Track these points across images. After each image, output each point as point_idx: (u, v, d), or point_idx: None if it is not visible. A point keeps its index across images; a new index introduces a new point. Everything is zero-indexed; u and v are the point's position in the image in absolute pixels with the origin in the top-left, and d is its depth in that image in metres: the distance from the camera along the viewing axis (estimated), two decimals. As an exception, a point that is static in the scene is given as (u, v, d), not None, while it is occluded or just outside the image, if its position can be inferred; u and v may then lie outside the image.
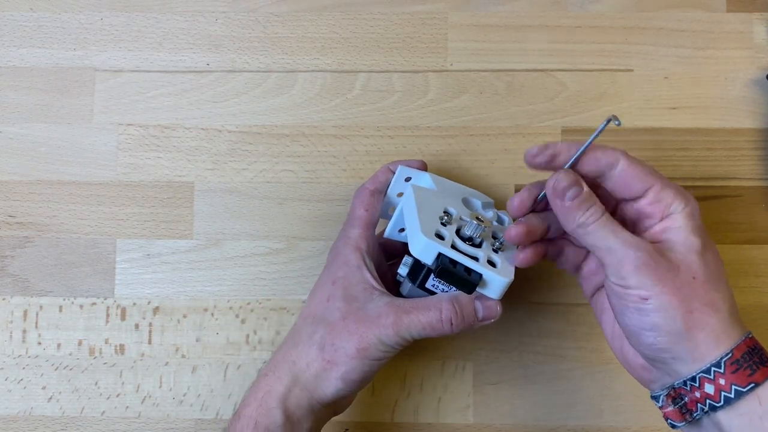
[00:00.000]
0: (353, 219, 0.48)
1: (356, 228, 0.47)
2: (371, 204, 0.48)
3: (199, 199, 0.55)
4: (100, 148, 0.55)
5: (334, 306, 0.45)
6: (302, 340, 0.45)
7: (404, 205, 0.46)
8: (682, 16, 0.55)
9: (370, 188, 0.49)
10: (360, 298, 0.45)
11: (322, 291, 0.47)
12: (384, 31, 0.56)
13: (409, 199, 0.46)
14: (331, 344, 0.44)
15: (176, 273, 0.54)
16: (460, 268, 0.43)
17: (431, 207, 0.45)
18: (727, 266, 0.53)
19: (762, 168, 0.54)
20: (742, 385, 0.37)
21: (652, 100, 0.55)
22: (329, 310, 0.45)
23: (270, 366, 0.46)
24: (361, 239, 0.47)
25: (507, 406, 0.53)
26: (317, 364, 0.44)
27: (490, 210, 0.50)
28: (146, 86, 0.56)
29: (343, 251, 0.47)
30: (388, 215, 0.49)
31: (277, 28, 0.56)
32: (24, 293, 0.54)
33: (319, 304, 0.46)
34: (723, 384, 0.38)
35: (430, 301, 0.44)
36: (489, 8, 0.56)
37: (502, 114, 0.55)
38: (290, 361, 0.45)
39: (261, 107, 0.55)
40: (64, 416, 0.53)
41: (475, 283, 0.43)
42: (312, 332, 0.45)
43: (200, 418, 0.53)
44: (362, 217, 0.48)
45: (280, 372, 0.45)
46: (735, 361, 0.38)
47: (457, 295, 0.44)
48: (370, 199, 0.48)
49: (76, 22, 0.57)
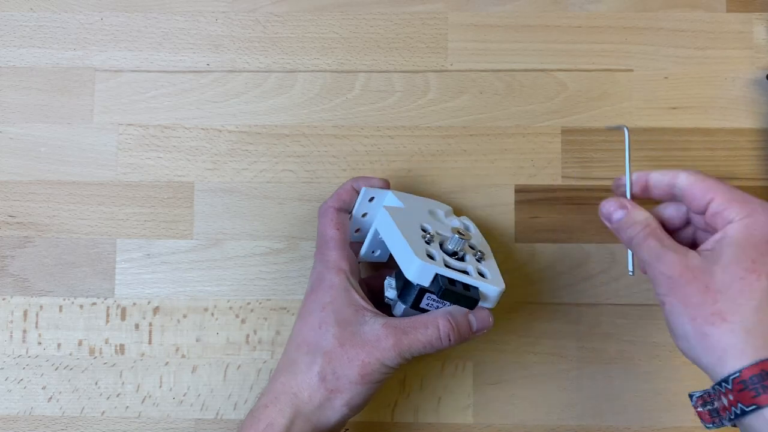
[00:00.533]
0: (327, 240, 0.48)
1: (333, 250, 0.47)
2: (340, 223, 0.48)
3: (199, 199, 0.55)
4: (100, 148, 0.55)
5: (328, 332, 0.45)
6: (301, 371, 0.45)
7: (382, 228, 0.46)
8: (682, 16, 0.55)
9: (335, 206, 0.48)
10: (353, 321, 0.45)
11: (312, 318, 0.46)
12: (384, 31, 0.56)
13: (386, 221, 0.45)
14: (332, 373, 0.44)
15: (176, 273, 0.54)
16: (459, 286, 0.43)
17: (409, 226, 0.45)
18: (727, 266, 0.53)
19: (762, 168, 0.54)
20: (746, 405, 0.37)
21: (652, 100, 0.55)
22: (323, 337, 0.45)
23: (270, 397, 0.45)
24: (342, 260, 0.47)
25: (507, 406, 0.53)
26: (320, 394, 0.44)
27: (453, 218, 0.51)
28: (146, 86, 0.56)
29: (327, 275, 0.47)
30: (353, 236, 0.50)
31: (277, 28, 0.56)
32: (24, 293, 0.54)
33: (310, 331, 0.46)
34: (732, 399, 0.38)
35: (426, 318, 0.45)
36: (489, 8, 0.56)
37: (502, 114, 0.55)
38: (291, 393, 0.44)
39: (261, 107, 0.55)
40: (64, 416, 0.53)
41: (477, 299, 0.43)
42: (310, 362, 0.45)
43: (200, 418, 0.53)
44: (336, 238, 0.48)
45: (282, 404, 0.44)
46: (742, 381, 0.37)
47: (450, 310, 0.45)
48: (339, 218, 0.48)
49: (76, 22, 0.57)
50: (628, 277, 0.53)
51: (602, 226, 0.53)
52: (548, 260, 0.54)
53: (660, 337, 0.52)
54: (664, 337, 0.52)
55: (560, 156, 0.54)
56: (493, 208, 0.54)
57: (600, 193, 0.54)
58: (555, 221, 0.54)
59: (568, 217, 0.54)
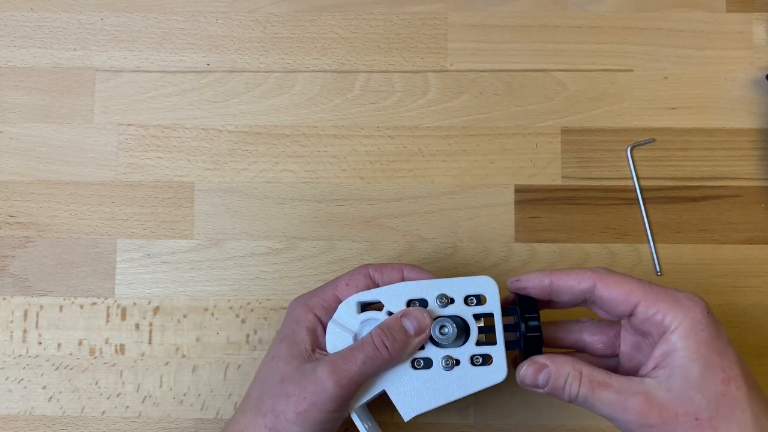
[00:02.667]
0: (327, 283, 0.46)
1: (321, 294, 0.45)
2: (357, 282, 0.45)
3: (199, 199, 0.55)
4: (100, 148, 0.55)
5: (275, 367, 0.43)
6: (249, 408, 0.43)
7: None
8: (682, 16, 0.56)
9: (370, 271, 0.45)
10: (302, 357, 0.43)
11: (271, 350, 0.45)
12: (384, 31, 0.56)
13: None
14: (271, 410, 0.42)
15: (176, 273, 0.54)
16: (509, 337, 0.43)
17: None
18: (727, 266, 0.53)
19: (762, 168, 0.54)
20: None
21: (652, 100, 0.55)
22: (271, 371, 0.43)
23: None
24: (321, 308, 0.45)
25: (507, 406, 0.53)
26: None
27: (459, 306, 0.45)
28: (146, 86, 0.56)
29: (297, 310, 0.45)
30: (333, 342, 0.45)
31: (277, 28, 0.56)
32: (24, 293, 0.54)
33: (265, 364, 0.45)
34: None
35: (361, 338, 0.43)
36: (489, 8, 0.56)
37: (502, 114, 0.55)
38: (239, 430, 0.43)
39: (261, 107, 0.55)
40: (64, 416, 0.54)
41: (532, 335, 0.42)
42: (257, 398, 0.43)
43: (200, 417, 0.53)
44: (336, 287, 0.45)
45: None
46: None
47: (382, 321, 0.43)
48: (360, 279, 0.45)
49: (76, 22, 0.57)
50: (628, 277, 0.53)
51: (602, 226, 0.54)
52: (548, 260, 0.54)
53: (660, 337, 0.52)
54: (664, 337, 0.52)
55: (560, 156, 0.54)
56: (493, 208, 0.54)
57: (600, 193, 0.54)
58: (555, 221, 0.54)
59: (568, 217, 0.54)
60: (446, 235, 0.54)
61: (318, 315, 0.45)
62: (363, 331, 0.44)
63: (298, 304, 0.46)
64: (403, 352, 0.42)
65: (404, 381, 0.43)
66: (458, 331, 0.43)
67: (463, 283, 0.44)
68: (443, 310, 0.44)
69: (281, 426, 0.41)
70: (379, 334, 0.42)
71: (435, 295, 0.44)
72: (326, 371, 0.41)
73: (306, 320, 0.44)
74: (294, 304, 0.46)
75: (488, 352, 0.43)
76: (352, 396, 0.42)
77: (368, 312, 0.45)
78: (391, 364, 0.43)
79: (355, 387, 0.42)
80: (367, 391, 0.43)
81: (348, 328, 0.44)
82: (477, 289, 0.44)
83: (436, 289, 0.44)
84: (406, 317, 0.43)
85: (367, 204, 0.54)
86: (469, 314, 0.44)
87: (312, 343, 0.44)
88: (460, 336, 0.43)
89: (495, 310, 0.43)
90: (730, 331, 0.52)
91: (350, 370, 0.41)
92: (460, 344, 0.43)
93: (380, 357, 0.42)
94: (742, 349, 0.52)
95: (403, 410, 0.43)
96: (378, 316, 0.44)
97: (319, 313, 0.45)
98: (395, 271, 0.45)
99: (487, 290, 0.44)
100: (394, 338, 0.42)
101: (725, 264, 0.53)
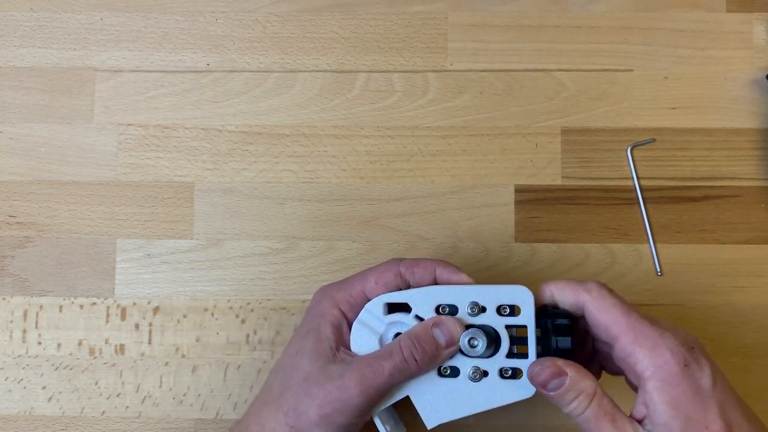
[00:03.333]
0: (355, 276, 0.44)
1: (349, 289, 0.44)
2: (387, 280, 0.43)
3: (199, 199, 0.55)
4: (100, 148, 0.55)
5: (299, 364, 0.42)
6: (271, 401, 0.43)
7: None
8: (682, 16, 0.55)
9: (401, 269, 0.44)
10: (326, 356, 0.42)
11: (295, 342, 0.44)
12: (384, 31, 0.56)
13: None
14: (294, 409, 0.41)
15: (176, 273, 0.54)
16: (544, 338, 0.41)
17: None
18: (727, 266, 0.53)
19: (762, 168, 0.54)
20: None
21: (652, 100, 0.55)
22: (295, 367, 0.42)
23: (241, 425, 0.43)
24: (347, 303, 0.43)
25: (507, 406, 0.53)
26: (283, 429, 0.41)
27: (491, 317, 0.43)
28: (146, 86, 0.56)
29: (323, 303, 0.44)
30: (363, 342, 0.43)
31: (277, 28, 0.56)
32: (24, 293, 0.54)
33: (288, 357, 0.44)
34: None
35: (388, 345, 0.42)
36: (489, 8, 0.56)
37: (502, 114, 0.55)
38: (260, 423, 0.42)
39: (261, 107, 0.55)
40: (64, 416, 0.53)
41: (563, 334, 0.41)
42: (280, 392, 0.42)
43: (200, 418, 0.53)
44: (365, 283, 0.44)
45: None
46: None
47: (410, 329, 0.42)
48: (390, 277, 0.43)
49: (76, 22, 0.57)
50: (628, 277, 0.53)
51: (602, 226, 0.54)
52: (548, 260, 0.54)
53: (660, 337, 0.52)
54: (664, 337, 0.52)
55: (560, 156, 0.54)
56: (493, 208, 0.54)
57: (600, 193, 0.54)
58: (555, 221, 0.54)
59: (568, 217, 0.54)
60: (446, 235, 0.54)
61: (343, 311, 0.43)
62: (388, 332, 0.43)
63: (324, 296, 0.44)
64: (432, 363, 0.41)
65: (429, 388, 0.42)
66: (488, 342, 0.42)
67: (498, 292, 0.42)
68: (474, 319, 0.42)
69: (303, 426, 0.41)
70: (409, 346, 0.41)
71: (467, 303, 0.42)
72: (353, 380, 0.40)
73: (331, 315, 0.43)
74: (320, 296, 0.44)
75: (518, 366, 0.42)
76: (377, 403, 0.42)
77: (395, 314, 0.43)
78: (418, 374, 0.42)
79: (381, 395, 0.41)
80: (391, 396, 0.42)
81: (374, 329, 0.43)
82: (511, 299, 0.42)
83: (468, 296, 0.42)
84: (437, 327, 0.41)
85: (367, 204, 0.54)
86: (501, 325, 0.42)
87: (337, 341, 0.43)
88: (489, 346, 0.42)
89: (529, 323, 0.42)
90: (730, 331, 0.52)
91: (378, 381, 0.40)
92: (490, 356, 0.42)
93: (408, 369, 0.41)
94: (741, 349, 0.52)
95: (426, 418, 0.42)
96: (406, 321, 0.43)
97: (345, 309, 0.43)
98: (427, 271, 0.43)
99: (522, 301, 0.42)
100: (423, 350, 0.41)
101: (725, 264, 0.53)
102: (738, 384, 0.39)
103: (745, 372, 0.52)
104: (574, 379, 0.39)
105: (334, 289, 0.44)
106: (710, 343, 0.52)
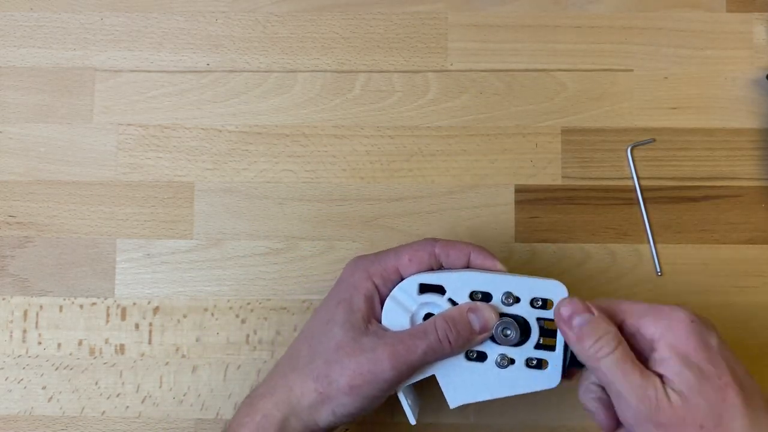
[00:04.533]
0: (389, 252, 0.45)
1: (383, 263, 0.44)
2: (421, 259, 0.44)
3: (199, 199, 0.55)
4: (100, 148, 0.55)
5: (331, 332, 0.43)
6: (299, 366, 0.43)
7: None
8: (682, 16, 0.55)
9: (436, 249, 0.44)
10: (359, 327, 0.42)
11: (325, 310, 0.44)
12: (384, 31, 0.56)
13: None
14: (325, 376, 0.42)
15: (176, 273, 0.54)
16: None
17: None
18: (727, 266, 0.53)
19: (762, 168, 0.54)
20: None
21: (652, 100, 0.55)
22: (326, 335, 0.43)
23: (267, 386, 0.44)
24: (380, 277, 0.44)
25: (507, 406, 0.53)
26: (311, 395, 0.42)
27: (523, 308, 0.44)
28: (146, 86, 0.56)
29: (357, 275, 0.44)
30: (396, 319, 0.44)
31: (277, 28, 0.56)
32: (24, 293, 0.54)
33: (318, 324, 0.44)
34: None
35: (424, 324, 0.43)
36: (489, 8, 0.56)
37: (502, 114, 0.55)
38: (287, 386, 0.43)
39: (261, 107, 0.55)
40: (64, 416, 0.53)
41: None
42: (309, 358, 0.43)
43: (200, 418, 0.53)
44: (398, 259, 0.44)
45: (278, 397, 0.43)
46: None
47: (446, 311, 0.43)
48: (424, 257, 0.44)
49: (76, 22, 0.57)
50: (628, 277, 0.53)
51: (603, 226, 0.54)
52: (548, 260, 0.54)
53: (660, 337, 0.52)
54: (664, 337, 0.52)
55: (560, 156, 0.54)
56: (493, 208, 0.54)
57: (600, 193, 0.54)
58: (555, 221, 0.54)
59: (568, 217, 0.54)
60: (446, 235, 0.54)
61: (377, 284, 0.44)
62: (420, 312, 0.44)
63: (357, 268, 0.44)
64: (464, 347, 0.43)
65: (456, 370, 0.43)
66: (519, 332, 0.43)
67: (533, 285, 0.43)
68: (507, 309, 0.43)
69: (333, 393, 0.42)
70: (444, 327, 0.42)
71: (501, 292, 0.43)
72: (386, 354, 0.41)
73: (364, 288, 0.44)
74: (353, 268, 0.45)
75: (545, 357, 0.43)
76: (406, 380, 0.43)
77: (429, 295, 0.44)
78: (449, 356, 0.43)
79: (411, 373, 0.42)
80: (419, 373, 0.43)
81: (406, 308, 0.44)
82: (546, 293, 0.43)
83: (503, 285, 0.43)
84: (473, 312, 0.42)
85: (367, 204, 0.54)
86: (533, 317, 0.43)
87: (369, 313, 0.43)
88: (519, 336, 0.43)
89: None
90: (730, 331, 0.52)
91: (410, 359, 0.41)
92: (518, 345, 0.43)
93: (441, 350, 0.42)
94: (741, 349, 0.52)
95: (450, 398, 0.44)
96: (439, 302, 0.44)
97: (378, 282, 0.44)
98: (462, 254, 0.44)
99: (555, 296, 0.43)
100: (458, 333, 0.42)
101: (725, 264, 0.53)
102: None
103: (745, 372, 0.52)
104: (600, 319, 0.39)
105: (368, 261, 0.45)
106: (710, 343, 0.52)
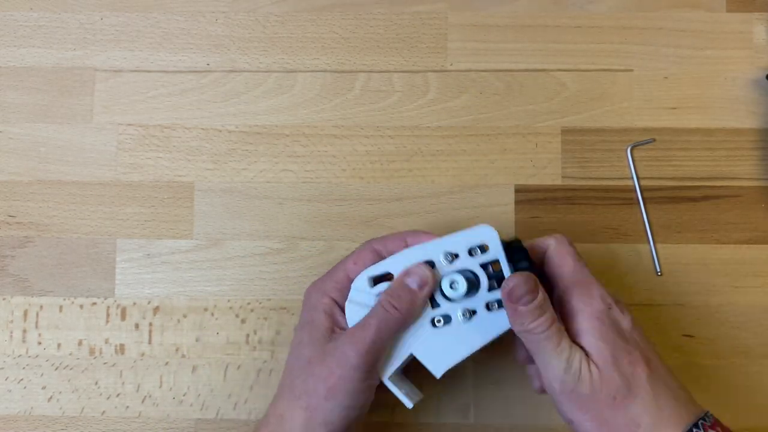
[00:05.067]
0: (337, 265, 0.47)
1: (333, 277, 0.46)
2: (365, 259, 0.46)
3: (199, 199, 0.55)
4: (100, 148, 0.55)
5: (302, 354, 0.45)
6: (284, 393, 0.45)
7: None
8: (682, 16, 0.56)
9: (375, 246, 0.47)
10: (323, 339, 0.44)
11: (295, 338, 0.46)
12: (384, 31, 0.56)
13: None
14: (304, 391, 0.44)
15: (176, 273, 0.54)
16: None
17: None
18: (727, 266, 0.53)
19: (762, 168, 0.54)
20: None
21: (652, 100, 0.55)
22: (299, 359, 0.45)
23: (262, 421, 0.45)
24: (335, 290, 0.46)
25: (507, 406, 0.53)
26: (300, 414, 0.44)
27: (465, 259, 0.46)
28: (146, 86, 0.56)
29: (313, 296, 0.46)
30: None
31: (277, 28, 0.56)
32: (24, 293, 0.54)
33: (293, 353, 0.46)
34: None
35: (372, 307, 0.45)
36: (489, 8, 0.56)
37: (502, 114, 0.55)
38: (277, 415, 0.45)
39: (261, 107, 0.55)
40: (64, 416, 0.53)
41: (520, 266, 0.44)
42: (290, 384, 0.45)
43: (200, 417, 0.53)
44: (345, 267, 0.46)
45: (272, 428, 0.44)
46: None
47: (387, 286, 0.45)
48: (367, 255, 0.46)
49: (76, 22, 0.57)
50: (628, 277, 0.53)
51: (602, 226, 0.54)
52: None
53: (658, 337, 0.52)
54: (663, 336, 0.52)
55: (560, 156, 0.54)
56: (493, 208, 0.54)
57: (600, 193, 0.54)
58: (555, 221, 0.54)
59: (568, 217, 0.54)
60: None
61: (333, 297, 0.46)
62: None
63: (312, 291, 0.47)
64: (412, 308, 0.44)
65: (428, 342, 0.45)
66: (469, 284, 0.45)
67: (464, 236, 0.45)
68: (451, 266, 0.45)
69: (315, 403, 0.43)
70: (386, 298, 0.44)
71: (440, 254, 0.45)
72: (346, 343, 0.43)
73: (322, 305, 0.46)
74: (309, 292, 0.47)
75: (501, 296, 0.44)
76: (376, 362, 0.44)
77: (381, 284, 0.46)
78: (406, 323, 0.44)
79: (377, 352, 0.44)
80: (395, 357, 0.45)
81: (365, 304, 0.45)
82: (479, 240, 0.45)
83: (439, 248, 0.45)
84: (407, 276, 0.44)
85: (367, 204, 0.54)
86: (476, 265, 0.45)
87: (330, 326, 0.45)
88: (472, 287, 0.45)
89: (499, 256, 0.45)
90: (730, 331, 0.52)
91: (367, 337, 0.43)
92: (473, 295, 0.45)
93: (392, 318, 0.44)
94: (742, 349, 0.52)
95: (433, 368, 0.45)
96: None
97: (335, 296, 0.46)
98: (398, 241, 0.47)
99: (487, 238, 0.45)
100: (400, 297, 0.44)
101: (725, 264, 0.53)
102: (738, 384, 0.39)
103: (745, 372, 0.52)
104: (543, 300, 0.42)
105: (320, 282, 0.47)
106: (710, 343, 0.52)
